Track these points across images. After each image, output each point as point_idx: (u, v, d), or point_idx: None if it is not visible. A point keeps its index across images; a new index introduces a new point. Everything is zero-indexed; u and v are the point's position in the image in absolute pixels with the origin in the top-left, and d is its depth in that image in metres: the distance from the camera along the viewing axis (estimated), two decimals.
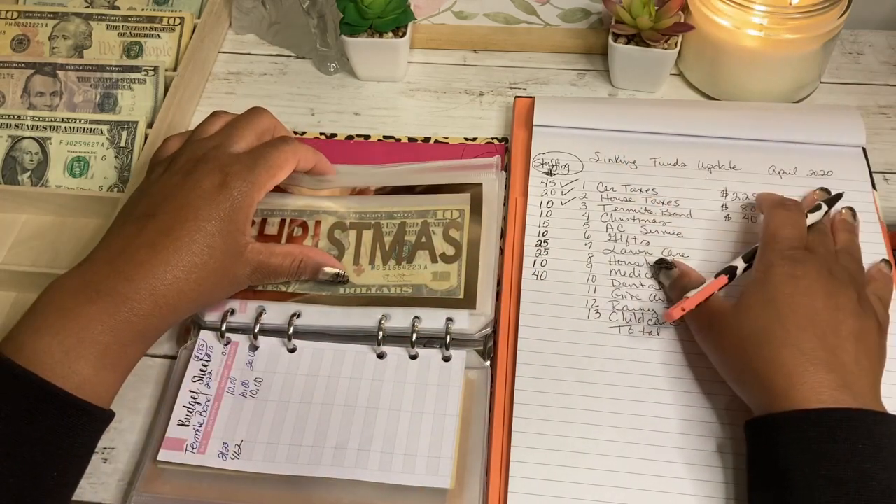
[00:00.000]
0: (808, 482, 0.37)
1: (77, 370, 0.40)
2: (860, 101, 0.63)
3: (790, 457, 0.38)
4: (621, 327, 0.49)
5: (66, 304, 0.41)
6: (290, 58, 0.70)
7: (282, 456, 0.46)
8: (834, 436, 0.37)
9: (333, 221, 0.54)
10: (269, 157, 0.47)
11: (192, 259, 0.43)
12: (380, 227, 0.53)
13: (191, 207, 0.44)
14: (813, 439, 0.37)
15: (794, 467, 0.37)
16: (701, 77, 0.64)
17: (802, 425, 0.38)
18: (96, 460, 0.48)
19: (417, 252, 0.52)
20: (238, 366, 0.50)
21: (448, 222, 0.53)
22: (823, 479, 0.36)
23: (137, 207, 0.45)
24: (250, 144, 0.49)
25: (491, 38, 0.68)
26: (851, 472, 0.36)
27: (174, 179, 0.46)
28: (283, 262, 0.48)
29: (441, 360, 0.49)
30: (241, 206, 0.45)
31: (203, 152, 0.47)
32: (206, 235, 0.44)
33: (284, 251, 0.48)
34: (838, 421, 0.37)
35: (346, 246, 0.53)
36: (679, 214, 0.54)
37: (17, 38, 0.66)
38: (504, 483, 0.44)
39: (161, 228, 0.43)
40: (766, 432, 0.39)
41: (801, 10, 0.57)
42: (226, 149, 0.47)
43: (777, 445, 0.38)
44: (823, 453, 0.37)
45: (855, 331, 0.41)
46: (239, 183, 0.45)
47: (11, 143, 0.60)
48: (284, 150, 0.48)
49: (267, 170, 0.47)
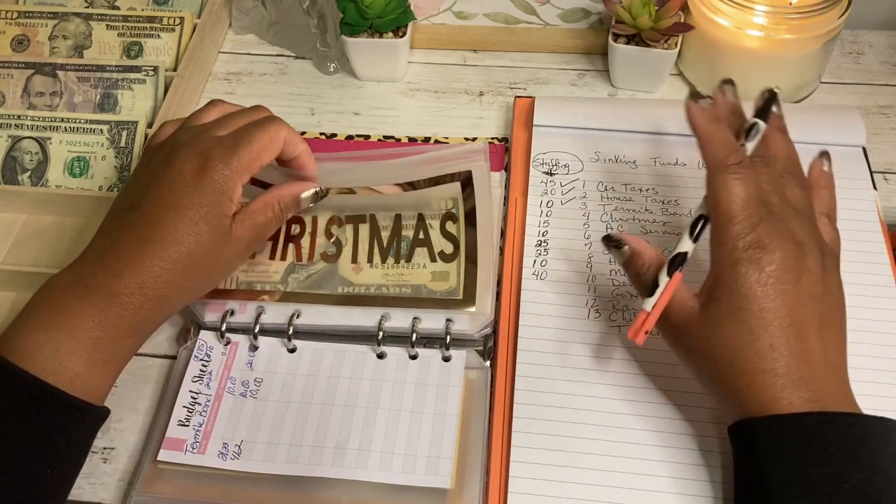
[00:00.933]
0: (783, 487, 0.37)
1: (68, 366, 0.40)
2: (860, 101, 0.63)
3: (766, 462, 0.37)
4: (621, 327, 0.49)
5: (57, 302, 0.41)
6: (290, 58, 0.70)
7: (282, 456, 0.46)
8: (808, 440, 0.37)
9: (330, 216, 0.54)
10: (253, 137, 0.45)
11: (179, 249, 0.43)
12: (375, 219, 0.53)
13: (172, 196, 0.43)
14: (787, 444, 0.37)
15: (770, 473, 0.37)
16: (701, 77, 0.64)
17: (777, 431, 0.37)
18: (96, 460, 0.48)
19: (416, 250, 0.52)
20: (238, 366, 0.50)
21: (444, 214, 0.53)
22: (798, 484, 0.36)
23: (125, 199, 0.45)
24: None
25: (491, 38, 0.68)
26: (824, 475, 0.36)
27: (158, 168, 0.45)
28: (267, 215, 0.47)
29: (441, 360, 0.49)
30: (224, 191, 0.44)
31: (186, 138, 0.46)
32: (189, 224, 0.43)
33: (261, 205, 0.47)
34: (811, 425, 0.37)
35: (344, 242, 0.52)
36: (679, 214, 0.54)
37: (17, 38, 0.66)
38: (504, 483, 0.44)
39: (146, 220, 0.43)
40: (744, 437, 0.39)
41: (801, 10, 0.57)
42: (209, 133, 0.45)
43: (755, 451, 0.38)
44: (797, 458, 0.37)
45: (823, 315, 0.39)
46: (220, 166, 0.44)
47: (11, 143, 0.60)
48: (269, 130, 0.46)
49: (249, 151, 0.45)
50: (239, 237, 0.45)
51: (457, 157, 0.56)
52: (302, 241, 0.53)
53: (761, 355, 0.38)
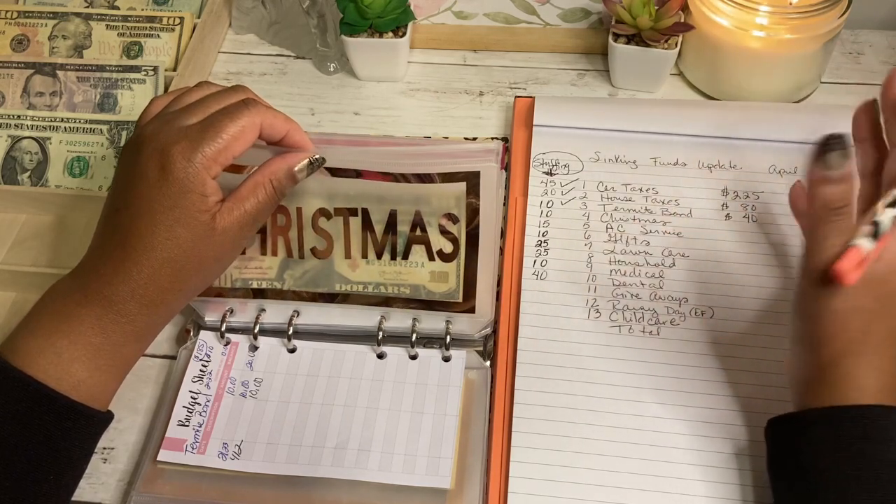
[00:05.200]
0: (838, 480, 0.37)
1: (72, 372, 0.40)
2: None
3: (823, 454, 0.37)
4: (621, 327, 0.49)
5: (59, 307, 0.41)
6: (290, 58, 0.70)
7: (282, 456, 0.46)
8: (867, 434, 0.37)
9: (317, 206, 0.49)
10: (220, 128, 0.41)
11: (159, 255, 0.40)
12: (368, 213, 0.49)
13: (142, 201, 0.40)
14: (845, 437, 0.37)
15: (826, 465, 0.37)
16: (701, 77, 0.64)
17: (836, 422, 0.38)
18: (96, 460, 0.48)
19: (413, 247, 0.50)
20: (238, 366, 0.50)
21: (444, 214, 0.49)
22: (855, 478, 0.36)
23: (112, 198, 0.43)
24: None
25: (491, 37, 0.68)
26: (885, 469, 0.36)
27: (129, 165, 0.42)
28: (258, 197, 0.43)
29: (441, 361, 0.49)
30: (191, 189, 0.40)
31: (153, 129, 0.42)
32: (164, 229, 0.40)
33: (250, 188, 0.43)
34: (875, 418, 0.37)
35: (335, 237, 0.50)
36: (679, 214, 0.54)
37: (16, 38, 0.66)
38: (504, 483, 0.44)
39: (125, 225, 0.41)
40: (797, 428, 0.39)
41: (801, 10, 0.57)
42: (178, 122, 0.42)
43: (810, 442, 0.38)
44: (856, 452, 0.37)
45: None
46: (182, 163, 0.40)
47: (11, 143, 0.60)
48: (240, 119, 0.41)
49: (216, 144, 0.40)
50: (226, 228, 0.42)
51: (468, 155, 0.52)
52: (290, 234, 0.50)
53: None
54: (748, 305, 0.50)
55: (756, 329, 0.49)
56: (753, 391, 0.46)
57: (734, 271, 0.51)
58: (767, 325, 0.49)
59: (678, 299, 0.50)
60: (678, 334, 0.49)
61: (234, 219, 0.42)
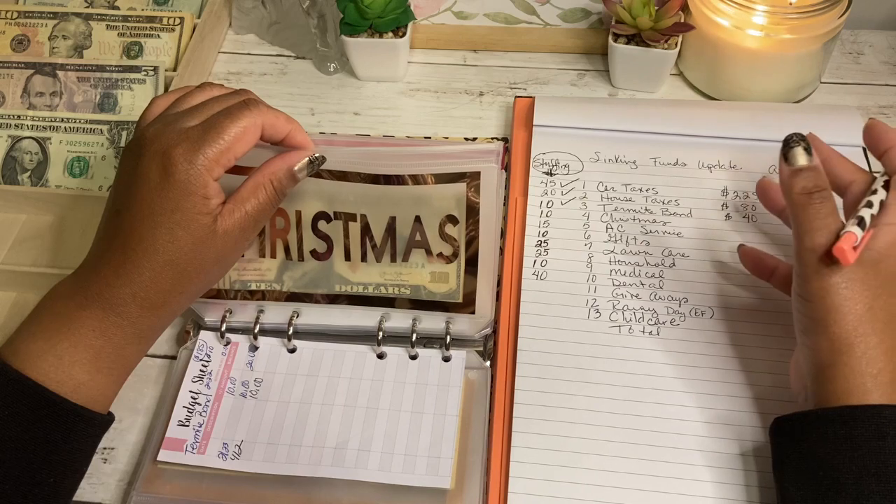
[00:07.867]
0: (856, 478, 0.37)
1: (72, 375, 0.39)
2: (860, 101, 0.63)
3: (838, 453, 0.37)
4: (621, 327, 0.49)
5: (59, 310, 0.41)
6: (290, 58, 0.70)
7: (282, 456, 0.46)
8: (883, 432, 0.37)
9: (317, 209, 0.49)
10: (222, 129, 0.41)
11: (160, 258, 0.40)
12: (366, 217, 0.49)
13: (143, 203, 0.40)
14: (860, 436, 0.37)
15: (840, 464, 0.37)
16: (701, 77, 0.64)
17: (851, 421, 0.37)
18: (96, 460, 0.48)
19: (412, 251, 0.50)
20: (238, 366, 0.50)
21: (443, 216, 0.49)
22: (872, 476, 0.36)
23: (113, 200, 0.43)
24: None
25: (491, 38, 0.68)
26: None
27: (130, 166, 0.42)
28: (259, 199, 0.43)
29: (441, 361, 0.49)
30: (193, 191, 0.40)
31: (154, 131, 0.42)
32: (165, 232, 0.40)
33: (250, 189, 0.43)
34: (891, 417, 0.37)
35: (335, 240, 0.50)
36: (679, 214, 0.54)
37: (16, 38, 0.66)
38: (504, 483, 0.44)
39: (126, 228, 0.41)
40: (808, 427, 0.39)
41: (801, 10, 0.57)
42: (179, 124, 0.42)
43: (824, 441, 0.38)
44: (871, 450, 0.37)
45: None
46: (184, 166, 0.40)
47: (11, 143, 0.60)
48: (241, 120, 0.41)
49: (217, 145, 0.40)
50: (227, 231, 0.42)
51: (468, 156, 0.52)
52: (289, 237, 0.50)
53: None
54: (748, 305, 0.50)
55: (756, 329, 0.49)
56: (753, 391, 0.46)
57: (734, 271, 0.51)
58: (767, 325, 0.49)
59: (678, 299, 0.50)
60: (678, 334, 0.49)
61: (236, 220, 0.42)
